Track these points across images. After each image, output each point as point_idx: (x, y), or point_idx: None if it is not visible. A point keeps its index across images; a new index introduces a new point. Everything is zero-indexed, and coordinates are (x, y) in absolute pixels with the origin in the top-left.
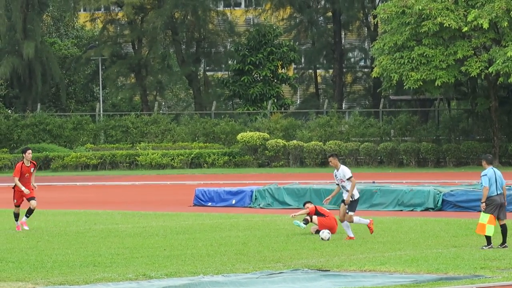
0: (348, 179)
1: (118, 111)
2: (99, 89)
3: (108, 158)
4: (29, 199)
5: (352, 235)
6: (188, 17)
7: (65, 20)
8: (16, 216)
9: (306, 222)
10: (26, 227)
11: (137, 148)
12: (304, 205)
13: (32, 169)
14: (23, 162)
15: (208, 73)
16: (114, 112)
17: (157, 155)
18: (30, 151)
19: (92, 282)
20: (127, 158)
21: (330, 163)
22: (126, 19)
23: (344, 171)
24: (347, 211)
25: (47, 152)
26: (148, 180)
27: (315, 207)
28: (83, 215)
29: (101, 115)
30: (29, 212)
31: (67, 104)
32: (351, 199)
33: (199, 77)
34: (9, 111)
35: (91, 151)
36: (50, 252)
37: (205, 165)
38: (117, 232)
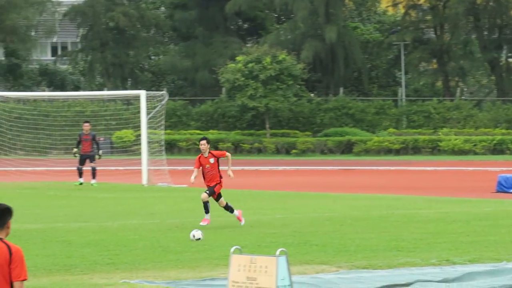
0: None
1: (420, 97)
2: (401, 74)
3: (410, 143)
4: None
5: None
6: (490, 3)
7: (367, 4)
8: (205, 206)
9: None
10: (241, 222)
11: (439, 133)
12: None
13: (211, 159)
14: (202, 153)
15: (510, 60)
16: (416, 97)
17: (459, 141)
18: (203, 141)
19: (395, 267)
20: (429, 143)
21: None
22: (428, 5)
23: None
24: None
25: (350, 136)
26: (450, 166)
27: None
28: (385, 199)
29: (403, 100)
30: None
31: (369, 88)
32: None
33: (501, 63)
34: (311, 94)
35: (393, 136)
36: (353, 236)
37: (507, 151)
38: (419, 217)
